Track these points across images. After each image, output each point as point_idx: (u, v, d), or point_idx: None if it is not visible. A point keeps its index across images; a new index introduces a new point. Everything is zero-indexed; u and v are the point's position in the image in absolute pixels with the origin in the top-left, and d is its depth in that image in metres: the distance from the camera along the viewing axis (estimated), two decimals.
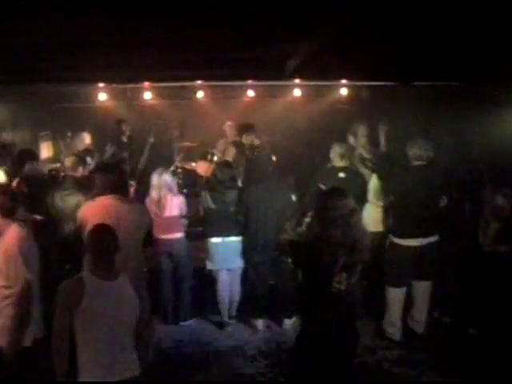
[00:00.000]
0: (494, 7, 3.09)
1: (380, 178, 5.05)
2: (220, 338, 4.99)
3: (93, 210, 3.71)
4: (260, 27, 3.60)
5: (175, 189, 5.18)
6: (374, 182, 5.14)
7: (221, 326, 5.20)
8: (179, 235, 5.17)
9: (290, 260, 3.83)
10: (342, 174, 5.13)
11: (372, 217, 5.07)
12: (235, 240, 5.13)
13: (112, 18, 3.19)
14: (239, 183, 5.42)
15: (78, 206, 4.08)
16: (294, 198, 5.18)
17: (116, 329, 2.74)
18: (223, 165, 5.37)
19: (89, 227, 3.34)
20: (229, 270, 5.21)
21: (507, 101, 5.09)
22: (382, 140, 5.41)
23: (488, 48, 4.15)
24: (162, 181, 5.03)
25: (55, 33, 3.54)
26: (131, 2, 2.89)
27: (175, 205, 5.08)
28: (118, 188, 3.71)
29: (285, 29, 3.61)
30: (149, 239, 3.78)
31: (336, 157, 5.21)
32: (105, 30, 3.51)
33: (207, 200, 5.06)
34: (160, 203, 5.02)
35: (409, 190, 4.67)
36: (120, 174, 4.00)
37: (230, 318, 5.26)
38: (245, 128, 6.62)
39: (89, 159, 5.87)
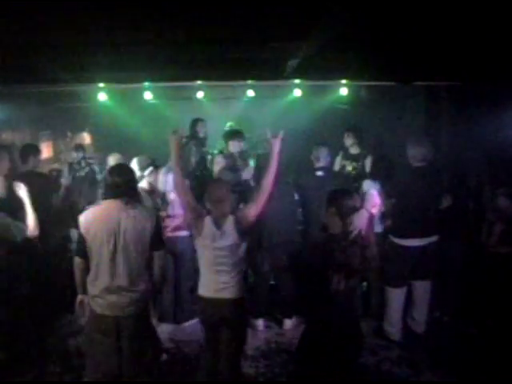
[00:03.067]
0: (493, 7, 3.10)
1: (376, 180, 5.09)
2: None
3: (93, 216, 3.47)
4: (260, 27, 3.60)
5: None
6: (369, 184, 5.16)
7: None
8: (184, 234, 5.10)
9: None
10: (319, 173, 5.30)
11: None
12: None
13: (112, 17, 3.19)
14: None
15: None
16: (296, 198, 5.19)
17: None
18: (228, 169, 5.34)
19: (91, 233, 3.37)
20: None
21: (507, 101, 5.09)
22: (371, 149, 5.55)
23: (487, 47, 4.15)
24: (167, 179, 5.01)
25: (55, 33, 3.54)
26: (131, 2, 2.89)
27: (179, 203, 5.04)
28: (125, 191, 3.54)
29: (285, 29, 3.61)
30: (158, 242, 3.63)
31: (314, 160, 5.40)
32: (105, 29, 3.51)
33: None
34: (164, 201, 4.99)
35: (411, 191, 4.66)
36: (127, 176, 3.71)
37: None
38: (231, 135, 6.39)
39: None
